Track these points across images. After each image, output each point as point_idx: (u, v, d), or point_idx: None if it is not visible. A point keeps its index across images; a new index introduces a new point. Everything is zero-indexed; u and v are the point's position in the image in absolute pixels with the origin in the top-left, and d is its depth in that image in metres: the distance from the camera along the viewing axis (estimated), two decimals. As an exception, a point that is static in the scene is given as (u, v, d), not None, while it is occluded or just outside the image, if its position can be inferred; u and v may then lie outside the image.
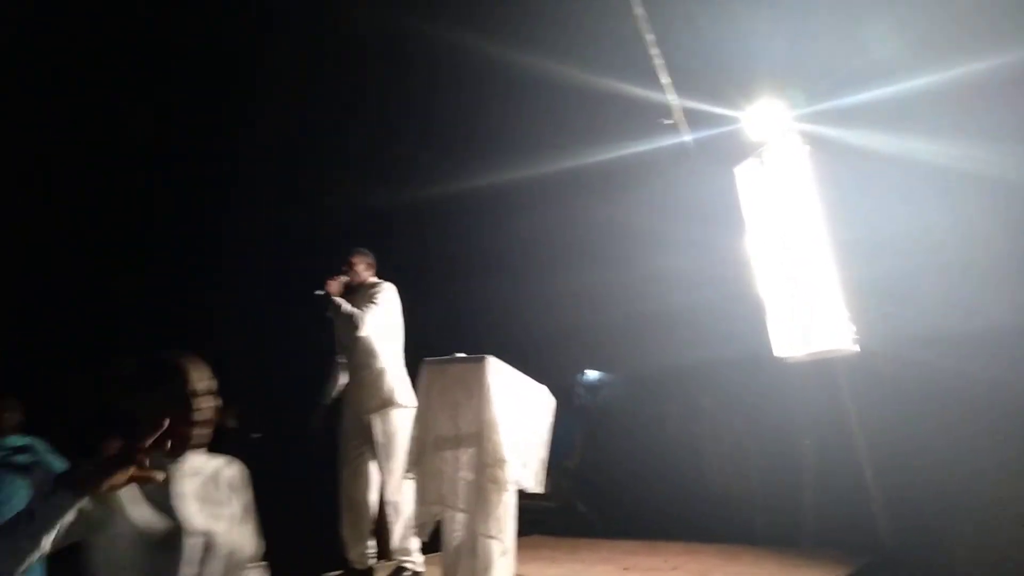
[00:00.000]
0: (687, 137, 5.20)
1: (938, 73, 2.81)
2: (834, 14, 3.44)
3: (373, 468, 4.12)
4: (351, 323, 4.02)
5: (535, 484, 3.72)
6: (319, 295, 4.07)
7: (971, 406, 2.99)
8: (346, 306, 4.03)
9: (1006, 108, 2.70)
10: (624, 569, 3.90)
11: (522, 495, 3.68)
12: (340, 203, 7.23)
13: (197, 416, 1.61)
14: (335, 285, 4.12)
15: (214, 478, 1.75)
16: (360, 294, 4.20)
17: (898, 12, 3.09)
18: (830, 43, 3.54)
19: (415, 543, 4.00)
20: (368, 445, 4.10)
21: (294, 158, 7.58)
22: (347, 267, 4.21)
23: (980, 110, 2.76)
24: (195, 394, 1.63)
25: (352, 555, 4.08)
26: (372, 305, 4.08)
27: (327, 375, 4.33)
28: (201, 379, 1.68)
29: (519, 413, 3.68)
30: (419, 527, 3.78)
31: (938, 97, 2.86)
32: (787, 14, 3.84)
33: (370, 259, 4.35)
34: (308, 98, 6.96)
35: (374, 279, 4.30)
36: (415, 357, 4.06)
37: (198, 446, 1.67)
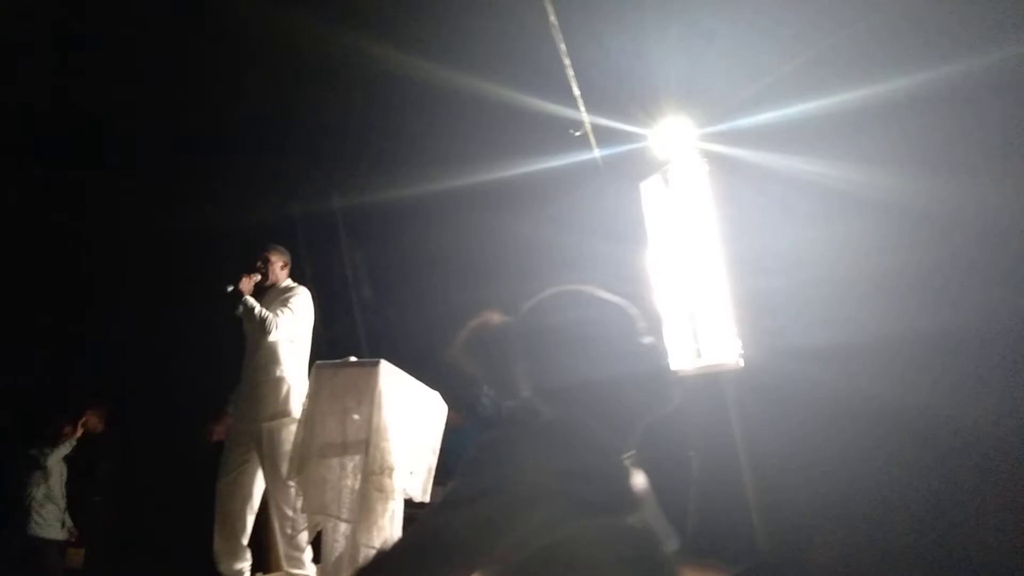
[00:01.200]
0: (596, 153, 5.27)
1: (823, 99, 2.95)
2: (733, 39, 3.57)
3: (254, 480, 3.93)
4: (261, 326, 3.81)
5: (421, 493, 3.63)
6: (230, 291, 3.85)
7: (846, 416, 3.12)
8: (258, 307, 3.82)
9: (883, 134, 2.86)
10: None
11: (410, 505, 3.59)
12: (226, 214, 6.96)
13: None
14: (248, 283, 3.91)
15: None
16: (272, 295, 4.01)
17: (789, 39, 3.23)
18: (727, 66, 3.67)
19: (306, 554, 3.83)
20: (254, 454, 3.90)
21: (174, 164, 7.24)
22: (262, 263, 4.01)
23: (860, 135, 2.92)
24: None
25: (223, 569, 3.86)
26: (286, 309, 3.88)
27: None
28: None
29: (410, 420, 3.59)
30: (300, 536, 3.64)
31: (823, 122, 3.00)
32: (692, 37, 3.96)
33: (286, 258, 4.16)
34: (194, 102, 6.67)
35: (289, 282, 4.12)
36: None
37: None
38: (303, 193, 6.86)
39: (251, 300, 3.84)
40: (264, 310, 3.83)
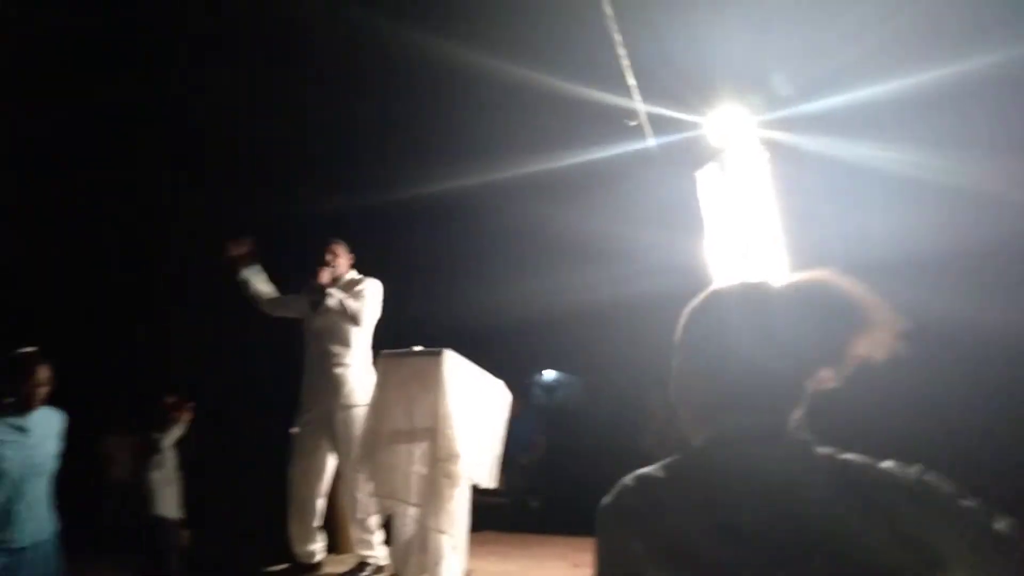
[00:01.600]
0: (650, 141, 5.26)
1: (889, 82, 2.90)
2: (795, 22, 3.52)
3: (326, 464, 4.08)
4: (352, 319, 3.95)
5: (488, 479, 3.73)
6: (318, 285, 3.98)
7: (908, 403, 3.09)
8: (347, 300, 3.97)
9: (954, 116, 2.80)
10: (574, 566, 3.92)
11: (475, 490, 3.69)
12: (303, 206, 7.17)
13: None
14: (327, 275, 4.06)
15: None
16: (343, 287, 4.12)
17: (857, 21, 3.18)
18: (787, 50, 3.62)
19: (377, 537, 3.97)
20: (327, 439, 4.05)
21: (256, 161, 7.50)
22: (331, 256, 4.14)
23: (929, 118, 2.86)
24: None
25: (297, 551, 4.03)
26: (365, 300, 4.03)
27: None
28: None
29: (474, 408, 3.68)
30: (369, 520, 3.77)
31: (889, 106, 2.95)
32: (750, 21, 3.91)
33: (349, 251, 4.29)
34: (271, 99, 6.89)
35: (356, 274, 4.24)
36: (374, 353, 4.04)
37: None
38: (365, 184, 7.02)
39: (338, 292, 3.97)
40: (352, 302, 3.96)
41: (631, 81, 4.77)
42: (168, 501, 5.64)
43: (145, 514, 5.54)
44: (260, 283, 4.25)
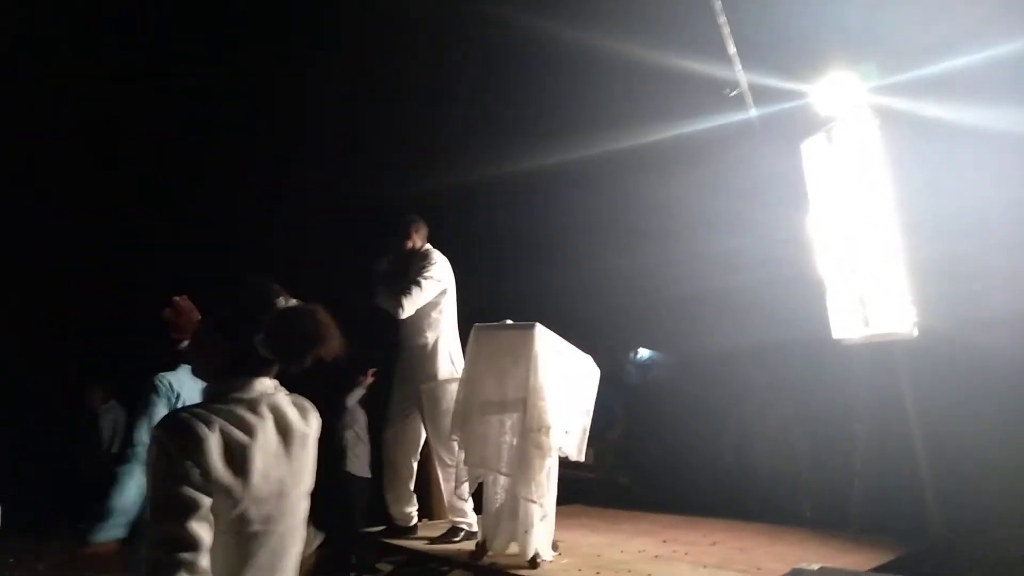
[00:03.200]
0: (752, 112, 5.06)
1: (1015, 41, 2.65)
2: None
3: (417, 432, 4.22)
4: (392, 311, 4.04)
5: (577, 452, 3.75)
6: (377, 278, 4.12)
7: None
8: (387, 295, 4.05)
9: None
10: (663, 542, 3.89)
11: (564, 464, 3.72)
12: (393, 184, 7.36)
13: None
14: (385, 264, 4.20)
15: None
16: (412, 264, 4.23)
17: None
18: (905, 12, 3.37)
19: (469, 504, 4.08)
20: (415, 410, 4.19)
21: (348, 140, 7.73)
22: (405, 237, 4.25)
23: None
24: None
25: (394, 512, 4.20)
26: (419, 279, 4.08)
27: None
28: None
29: (564, 381, 3.70)
30: (464, 487, 3.87)
31: (1016, 66, 2.70)
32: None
33: (424, 227, 4.36)
34: (362, 79, 7.06)
35: (428, 247, 4.32)
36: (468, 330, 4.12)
37: None
38: (463, 162, 7.11)
39: (380, 288, 4.09)
40: (391, 296, 4.03)
41: (731, 49, 4.59)
42: (359, 459, 5.98)
43: (336, 470, 5.89)
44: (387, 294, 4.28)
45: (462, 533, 4.02)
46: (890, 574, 2.79)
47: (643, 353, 6.99)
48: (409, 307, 4.02)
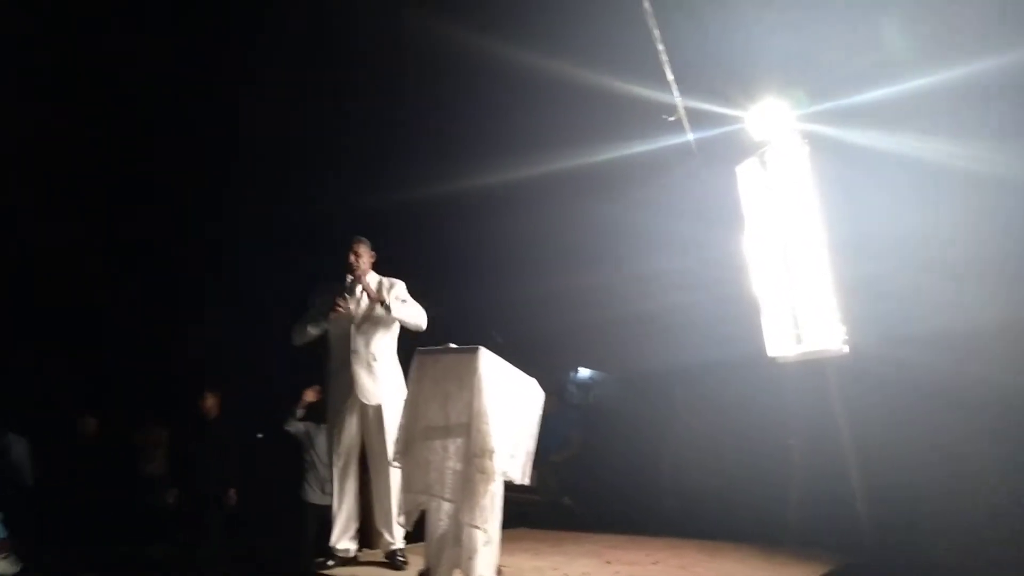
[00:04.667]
0: (689, 136, 5.19)
1: (940, 72, 2.80)
2: (838, 13, 3.43)
3: (356, 457, 4.15)
4: (414, 322, 4.10)
5: (521, 475, 3.71)
6: (383, 305, 4.06)
7: (959, 406, 2.99)
8: (413, 310, 4.11)
9: (1007, 107, 2.69)
10: (606, 563, 3.89)
11: (508, 487, 3.68)
12: (333, 203, 7.26)
13: None
14: (372, 289, 4.12)
15: None
16: (386, 293, 4.18)
17: (902, 12, 3.08)
18: (833, 42, 3.53)
19: (401, 532, 4.01)
20: (359, 436, 4.11)
21: (287, 157, 7.61)
22: (355, 257, 4.17)
23: (981, 109, 2.76)
24: None
25: (339, 544, 4.10)
26: (409, 302, 4.14)
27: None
28: None
29: (509, 405, 3.67)
30: (404, 516, 3.79)
31: (940, 96, 2.85)
32: (791, 13, 3.83)
33: (371, 249, 4.31)
34: (303, 96, 6.97)
35: (385, 278, 4.29)
36: (408, 352, 4.07)
37: None
38: (399, 182, 7.07)
39: (392, 304, 4.06)
40: (417, 310, 4.10)
41: (670, 76, 4.71)
42: (312, 486, 5.91)
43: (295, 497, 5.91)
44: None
45: (402, 558, 3.95)
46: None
47: (584, 373, 7.03)
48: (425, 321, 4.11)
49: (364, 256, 4.21)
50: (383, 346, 4.13)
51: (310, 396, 5.78)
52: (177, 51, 6.57)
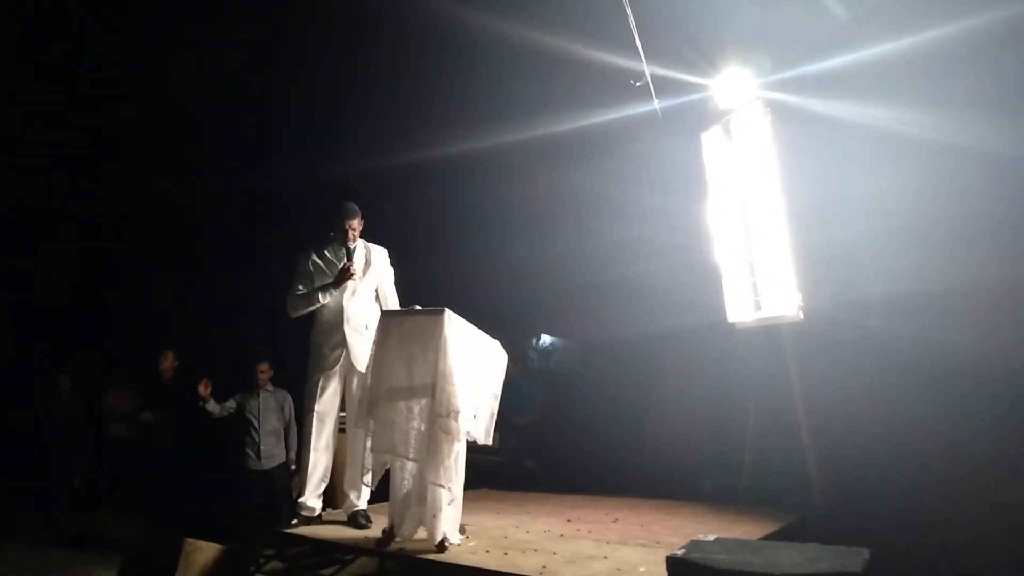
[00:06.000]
0: (655, 105, 5.21)
1: (896, 41, 2.86)
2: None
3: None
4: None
5: (485, 436, 3.77)
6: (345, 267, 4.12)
7: (908, 368, 3.11)
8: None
9: (966, 76, 2.77)
10: (568, 521, 3.99)
11: (472, 449, 3.73)
12: (299, 171, 7.16)
13: None
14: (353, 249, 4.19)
15: None
16: (373, 262, 4.24)
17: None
18: (796, 11, 3.57)
19: (367, 493, 4.06)
20: (339, 398, 4.18)
21: (257, 127, 7.45)
22: (352, 230, 4.18)
23: (936, 78, 2.83)
24: None
25: (307, 502, 4.13)
26: (391, 298, 4.29)
27: None
28: None
29: (473, 366, 3.71)
30: (369, 475, 3.82)
31: (896, 65, 2.92)
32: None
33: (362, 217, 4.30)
34: (268, 66, 6.81)
35: (372, 245, 4.32)
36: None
37: None
38: (364, 149, 6.99)
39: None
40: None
41: (638, 42, 4.71)
42: (251, 454, 5.95)
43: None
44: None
45: (365, 516, 4.00)
46: (778, 541, 2.96)
47: (545, 340, 7.09)
48: None
49: (358, 227, 4.23)
50: (373, 315, 4.16)
51: (203, 390, 5.78)
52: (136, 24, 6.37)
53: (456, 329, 3.62)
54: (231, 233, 8.10)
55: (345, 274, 4.09)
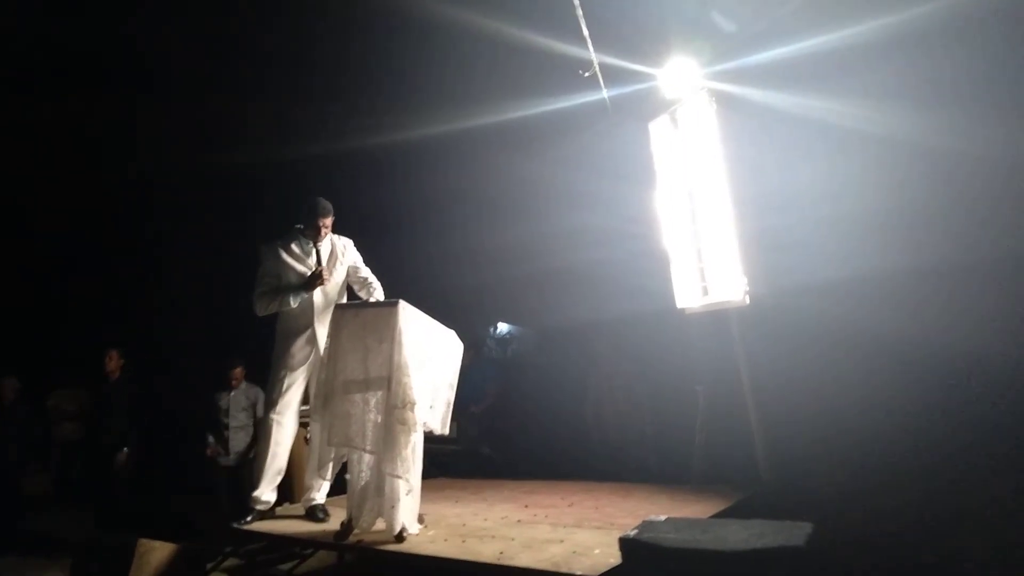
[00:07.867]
0: (604, 93, 5.26)
1: (831, 34, 2.96)
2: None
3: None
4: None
5: (441, 426, 3.79)
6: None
7: (849, 350, 3.24)
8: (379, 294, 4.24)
9: (893, 68, 2.88)
10: (524, 507, 4.05)
11: (429, 439, 3.75)
12: (251, 154, 7.01)
13: None
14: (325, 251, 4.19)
15: None
16: (341, 254, 4.24)
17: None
18: (736, 1, 3.65)
19: (326, 486, 4.06)
20: (303, 392, 4.20)
21: (202, 106, 7.26)
22: (325, 229, 4.15)
23: (869, 70, 2.94)
24: None
25: (262, 496, 4.10)
26: (375, 284, 4.28)
27: None
28: None
29: (428, 357, 3.72)
30: (325, 468, 3.82)
31: (831, 57, 3.02)
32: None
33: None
34: (216, 44, 6.63)
35: (338, 237, 4.31)
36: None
37: None
38: (316, 134, 6.88)
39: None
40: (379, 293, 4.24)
41: (585, 31, 4.74)
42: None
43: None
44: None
45: (322, 511, 4.00)
46: (727, 519, 3.07)
47: (502, 328, 7.14)
48: None
49: (331, 225, 4.19)
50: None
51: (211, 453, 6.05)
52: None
53: (410, 320, 3.63)
54: (182, 225, 7.91)
55: (317, 280, 4.07)
